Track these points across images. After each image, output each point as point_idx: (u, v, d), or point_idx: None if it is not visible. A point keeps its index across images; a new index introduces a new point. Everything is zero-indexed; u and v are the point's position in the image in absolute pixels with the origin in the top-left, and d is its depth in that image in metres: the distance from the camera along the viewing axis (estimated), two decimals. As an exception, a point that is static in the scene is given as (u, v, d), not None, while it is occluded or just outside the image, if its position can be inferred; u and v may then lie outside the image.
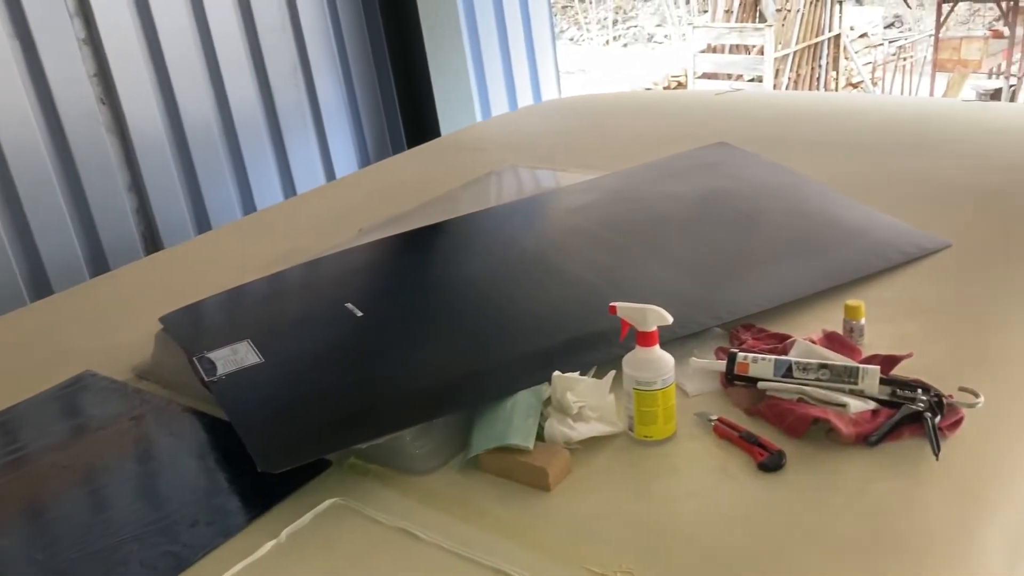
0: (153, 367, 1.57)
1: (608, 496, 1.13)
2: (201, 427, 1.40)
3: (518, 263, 1.65)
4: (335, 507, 1.17)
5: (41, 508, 1.27)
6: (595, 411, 1.24)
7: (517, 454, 1.17)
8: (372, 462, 1.24)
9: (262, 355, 1.37)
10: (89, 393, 1.56)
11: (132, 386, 1.55)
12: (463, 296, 1.55)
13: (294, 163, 3.42)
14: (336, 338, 1.42)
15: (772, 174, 1.98)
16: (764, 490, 1.10)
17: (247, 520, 1.17)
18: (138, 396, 1.51)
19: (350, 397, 1.27)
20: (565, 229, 1.83)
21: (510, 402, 1.23)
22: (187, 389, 1.47)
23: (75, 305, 2.04)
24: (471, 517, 1.11)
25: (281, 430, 1.22)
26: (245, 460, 1.22)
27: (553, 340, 1.39)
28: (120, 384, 1.56)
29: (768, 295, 1.50)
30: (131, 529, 1.18)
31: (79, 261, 2.82)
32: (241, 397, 1.28)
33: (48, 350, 1.79)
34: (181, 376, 1.47)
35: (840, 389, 1.21)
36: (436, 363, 1.34)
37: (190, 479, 1.29)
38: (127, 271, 2.26)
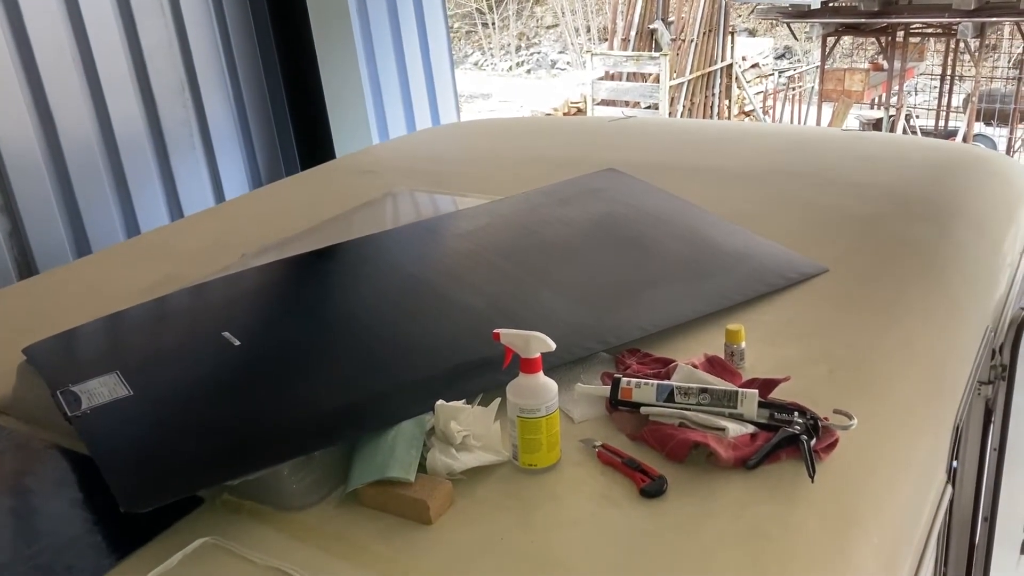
0: (14, 401, 1.47)
1: (490, 527, 1.11)
2: (65, 464, 1.32)
3: (404, 289, 1.62)
4: (206, 546, 1.11)
5: None
6: (480, 440, 1.22)
7: (398, 487, 1.14)
8: (246, 498, 1.18)
9: (131, 388, 1.30)
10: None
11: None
12: (346, 323, 1.51)
13: (181, 185, 3.31)
14: (211, 369, 1.36)
15: (659, 200, 2.01)
16: (646, 517, 1.10)
17: (112, 563, 1.10)
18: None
19: (223, 431, 1.22)
20: (454, 254, 1.81)
21: (392, 433, 1.20)
22: (51, 424, 1.38)
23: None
24: (349, 554, 1.07)
25: (147, 467, 1.16)
26: (111, 499, 1.15)
27: (438, 368, 1.37)
28: (-24, 420, 1.46)
29: (653, 320, 1.51)
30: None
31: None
32: (106, 433, 1.21)
33: None
34: (44, 411, 1.38)
35: (720, 413, 1.22)
36: (315, 394, 1.30)
37: (50, 521, 1.21)
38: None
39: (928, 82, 12.28)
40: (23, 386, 1.47)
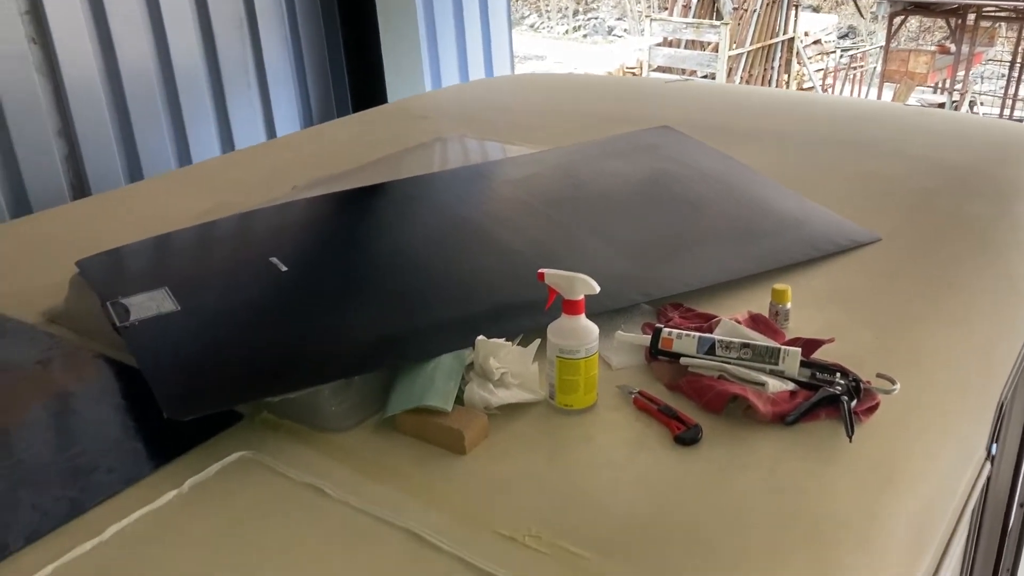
0: (65, 311, 1.51)
1: (523, 462, 1.11)
2: (111, 374, 1.35)
3: (451, 230, 1.63)
4: (243, 460, 1.14)
5: (-68, 448, 1.21)
6: (517, 378, 1.23)
7: (435, 416, 1.15)
8: (285, 418, 1.21)
9: (179, 303, 1.32)
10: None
11: (42, 329, 1.49)
12: (392, 258, 1.52)
13: (234, 120, 3.34)
14: (257, 291, 1.38)
15: (712, 160, 1.98)
16: (679, 462, 1.10)
17: (150, 469, 1.12)
18: (47, 339, 1.45)
19: (267, 350, 1.23)
20: (502, 200, 1.81)
21: (432, 364, 1.21)
22: (99, 335, 1.41)
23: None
24: (384, 477, 1.09)
25: (191, 378, 1.18)
26: (154, 409, 1.18)
27: (480, 307, 1.37)
28: (28, 327, 1.50)
29: (699, 276, 1.50)
30: (26, 474, 1.13)
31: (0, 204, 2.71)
32: (152, 344, 1.23)
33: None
34: (94, 321, 1.41)
35: (761, 369, 1.21)
36: (358, 322, 1.31)
37: (94, 426, 1.24)
38: (48, 215, 2.17)
39: (997, 69, 11.90)
40: (74, 297, 1.50)
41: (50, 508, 1.06)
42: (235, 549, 0.99)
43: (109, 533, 1.01)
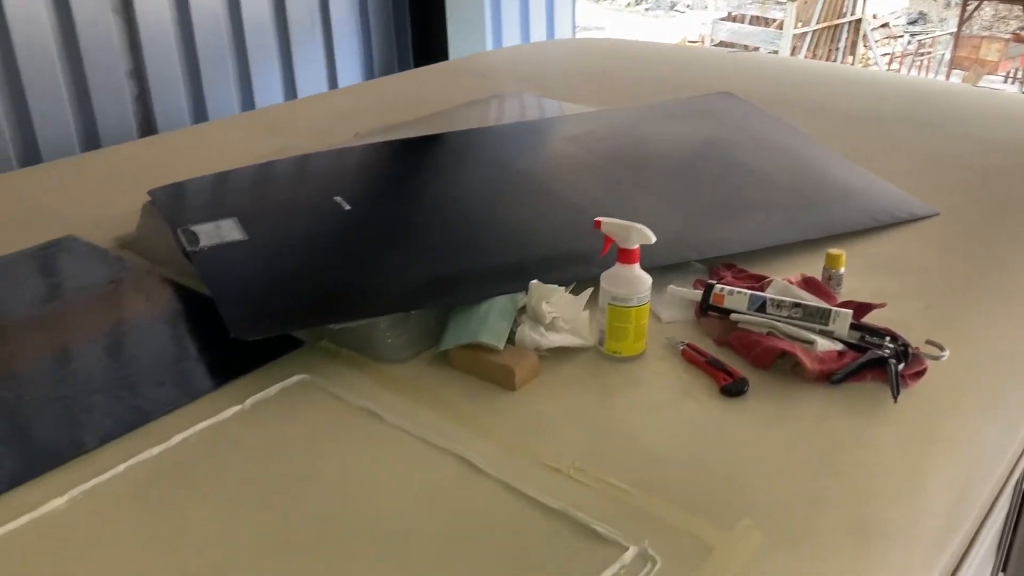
0: (136, 238, 1.57)
1: (570, 401, 1.15)
2: (178, 297, 1.41)
3: (508, 180, 1.65)
4: (302, 383, 1.19)
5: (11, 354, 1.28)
6: (568, 323, 1.25)
7: (487, 353, 1.19)
8: (343, 347, 1.25)
9: (247, 233, 1.37)
10: (70, 255, 1.57)
11: (113, 253, 1.55)
12: (451, 204, 1.55)
13: (298, 70, 3.39)
14: (322, 226, 1.43)
15: (773, 128, 1.98)
16: (723, 412, 1.12)
17: (213, 386, 1.18)
18: (119, 263, 1.52)
19: (329, 281, 1.28)
20: (560, 155, 1.83)
21: (486, 305, 1.24)
22: (168, 261, 1.48)
23: (63, 175, 2.04)
24: (436, 406, 1.13)
25: (256, 302, 1.23)
26: (218, 332, 1.23)
27: (534, 255, 1.40)
28: (102, 251, 1.57)
29: (753, 239, 1.51)
30: (99, 382, 1.20)
31: (72, 140, 2.79)
32: (220, 269, 1.28)
33: (32, 213, 1.78)
34: (163, 248, 1.47)
35: (810, 328, 1.22)
36: (417, 262, 1.35)
37: (162, 343, 1.30)
38: (119, 149, 2.25)
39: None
40: (146, 224, 1.56)
41: (122, 414, 1.12)
42: (292, 462, 1.03)
43: (175, 440, 1.07)
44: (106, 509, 0.96)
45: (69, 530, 0.93)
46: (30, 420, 1.12)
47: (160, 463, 1.03)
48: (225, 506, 0.96)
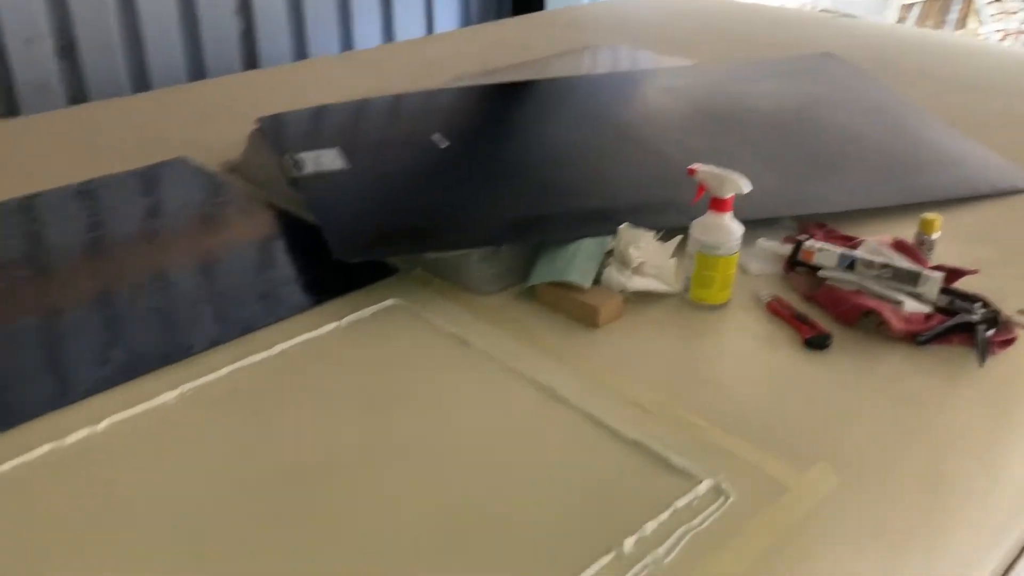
0: (243, 163, 1.64)
1: (652, 342, 1.17)
2: (279, 221, 1.48)
3: (603, 127, 1.67)
4: (395, 307, 1.24)
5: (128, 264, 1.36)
6: (654, 269, 1.28)
7: (573, 291, 1.22)
8: (436, 276, 1.30)
9: (348, 163, 1.43)
10: (180, 176, 1.65)
11: (221, 177, 1.63)
12: (545, 147, 1.58)
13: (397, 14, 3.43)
14: (419, 161, 1.47)
15: (874, 91, 1.94)
16: (805, 363, 1.13)
17: (311, 304, 1.24)
18: (226, 185, 1.59)
19: (426, 213, 1.33)
20: (655, 106, 1.83)
21: (575, 245, 1.27)
22: (271, 186, 1.55)
23: (173, 101, 2.13)
24: (521, 337, 1.17)
25: (357, 227, 1.28)
26: (318, 255, 1.29)
27: (625, 200, 1.42)
28: (210, 173, 1.64)
29: (847, 199, 1.50)
30: (207, 294, 1.27)
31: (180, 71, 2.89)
32: (324, 194, 1.34)
33: (144, 136, 1.88)
34: (267, 174, 1.54)
35: (900, 289, 1.22)
36: (510, 200, 1.39)
37: (264, 262, 1.37)
38: (226, 80, 2.33)
39: None
40: (252, 151, 1.63)
41: (229, 323, 1.19)
42: (383, 377, 1.09)
43: (276, 349, 1.13)
44: (210, 405, 1.03)
45: (177, 421, 1.01)
46: (146, 323, 1.20)
47: (262, 369, 1.10)
48: (321, 412, 1.02)
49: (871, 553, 0.85)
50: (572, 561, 0.81)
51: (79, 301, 1.24)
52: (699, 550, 0.83)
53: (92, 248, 1.42)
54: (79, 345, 1.15)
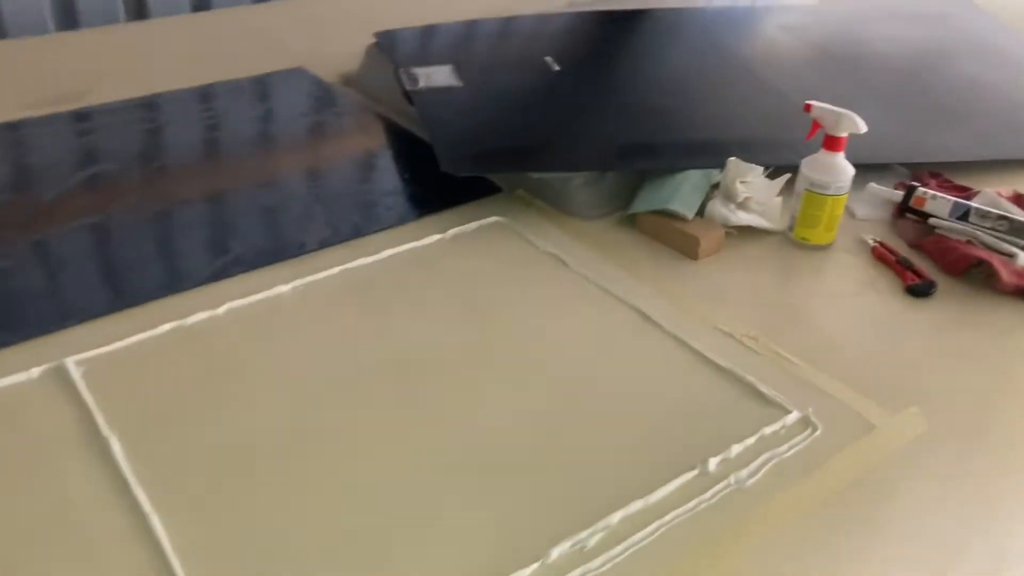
0: (359, 75, 1.68)
1: (750, 277, 1.17)
2: (391, 134, 1.53)
3: (718, 60, 1.64)
4: (497, 224, 1.27)
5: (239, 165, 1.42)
6: (759, 205, 1.27)
7: (675, 220, 1.23)
8: (538, 198, 1.32)
9: (462, 81, 1.45)
10: (298, 84, 1.70)
11: (337, 88, 1.68)
12: (657, 76, 1.56)
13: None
14: (531, 82, 1.48)
15: (1004, 39, 1.85)
16: (905, 309, 1.12)
17: (418, 215, 1.28)
18: (342, 96, 1.64)
19: (534, 133, 1.34)
20: (772, 42, 1.79)
21: (680, 176, 1.27)
22: (386, 101, 1.59)
23: (294, 13, 2.18)
24: (619, 263, 1.19)
25: (467, 143, 1.31)
26: (426, 170, 1.33)
27: (735, 135, 1.41)
28: (327, 84, 1.69)
29: (967, 149, 1.45)
30: (318, 197, 1.32)
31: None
32: (436, 108, 1.37)
33: (265, 45, 1.93)
34: (382, 87, 1.58)
35: (1015, 243, 1.19)
36: (619, 126, 1.39)
37: (375, 172, 1.42)
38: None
39: None
40: (368, 64, 1.67)
41: (339, 226, 1.24)
42: (483, 288, 1.13)
43: (383, 255, 1.18)
44: (320, 300, 1.09)
45: (289, 311, 1.07)
46: (262, 221, 1.26)
47: (368, 271, 1.15)
48: (421, 315, 1.07)
49: (955, 495, 0.85)
50: (656, 475, 0.83)
51: (199, 196, 1.31)
52: (782, 477, 0.84)
53: (212, 148, 1.48)
54: (200, 236, 1.22)
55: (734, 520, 0.79)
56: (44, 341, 0.99)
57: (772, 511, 0.80)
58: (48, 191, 1.31)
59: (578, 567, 0.74)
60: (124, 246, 1.19)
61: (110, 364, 0.96)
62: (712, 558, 0.76)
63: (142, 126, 1.54)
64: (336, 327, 1.04)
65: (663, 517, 0.79)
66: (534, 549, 0.75)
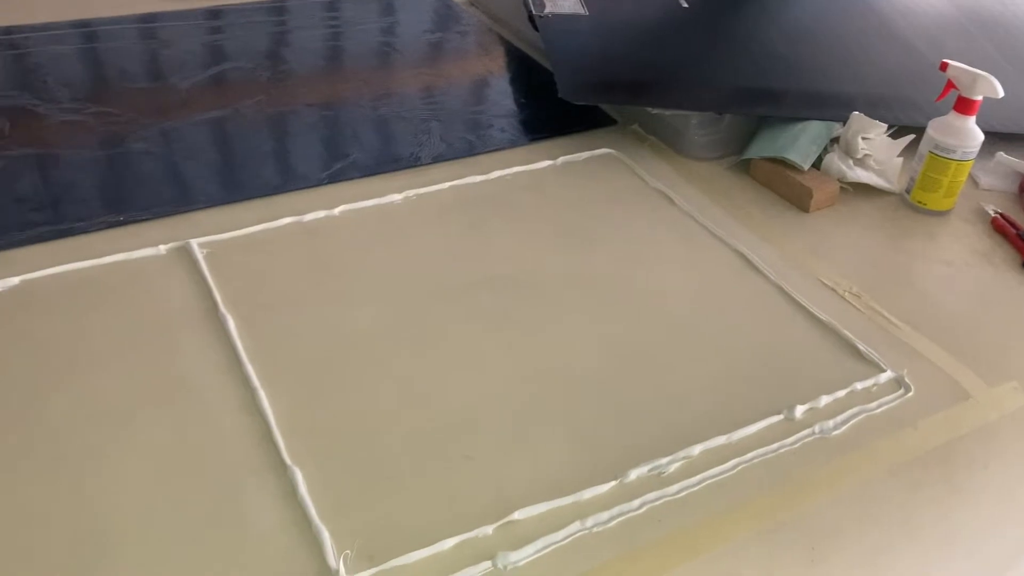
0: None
1: (861, 236, 1.15)
2: (511, 58, 1.54)
3: (853, 9, 1.58)
4: (609, 156, 1.27)
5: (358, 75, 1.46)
6: (878, 164, 1.24)
7: (789, 170, 1.21)
8: (652, 135, 1.32)
9: (588, 9, 1.44)
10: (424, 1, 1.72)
11: (463, 7, 1.69)
12: (787, 22, 1.52)
13: None
14: (658, 18, 1.46)
15: None
16: (1020, 284, 1.08)
17: (530, 140, 1.30)
18: (466, 16, 1.65)
19: (656, 69, 1.33)
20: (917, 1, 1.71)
21: (800, 125, 1.25)
22: (508, 24, 1.60)
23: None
24: (728, 207, 1.18)
25: (586, 71, 1.31)
26: (542, 96, 1.34)
27: (862, 89, 1.36)
28: (451, 3, 1.70)
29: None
30: (437, 111, 1.35)
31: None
32: (560, 35, 1.37)
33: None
34: (507, 10, 1.59)
35: None
36: (742, 70, 1.36)
37: (493, 93, 1.43)
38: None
39: None
40: (494, -14, 1.67)
41: (453, 143, 1.26)
42: (588, 216, 1.14)
43: (493, 175, 1.20)
44: (429, 212, 1.12)
45: (400, 219, 1.10)
46: (379, 130, 1.29)
47: (478, 189, 1.17)
48: (525, 236, 1.09)
49: (1047, 475, 0.84)
50: (740, 415, 0.84)
51: (321, 101, 1.35)
52: (868, 432, 0.84)
53: (335, 56, 1.52)
54: (320, 139, 1.26)
55: (814, 467, 0.80)
56: (172, 221, 1.05)
57: (854, 463, 0.81)
58: (184, 82, 1.37)
59: (655, 491, 0.76)
60: (249, 141, 1.24)
61: (230, 249, 1.01)
62: (789, 500, 0.77)
63: (270, 29, 1.58)
64: (441, 239, 1.07)
65: (743, 455, 0.80)
66: (613, 469, 0.78)
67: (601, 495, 0.75)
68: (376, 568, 0.67)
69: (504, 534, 0.71)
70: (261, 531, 0.70)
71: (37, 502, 0.71)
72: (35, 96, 1.30)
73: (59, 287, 0.94)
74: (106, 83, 1.37)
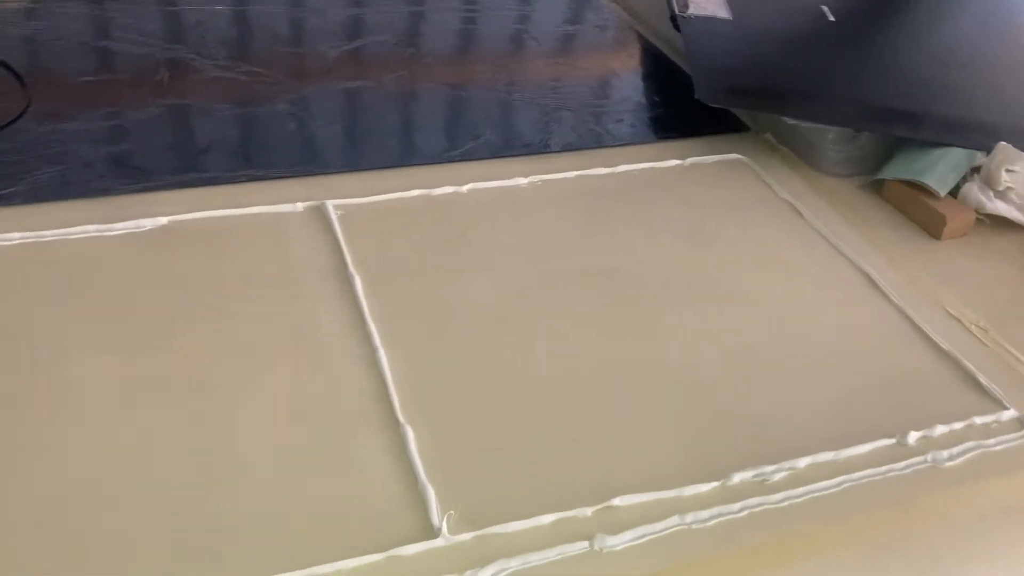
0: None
1: (993, 270, 1.11)
2: (647, 55, 1.54)
3: (1009, 35, 1.52)
4: (737, 162, 1.27)
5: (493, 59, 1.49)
6: (1021, 198, 1.19)
7: (924, 194, 1.17)
8: (784, 145, 1.30)
9: (732, 14, 1.43)
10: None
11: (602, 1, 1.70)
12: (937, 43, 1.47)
13: None
14: (802, 28, 1.44)
15: None
16: None
17: (658, 139, 1.30)
18: (605, 10, 1.66)
19: (797, 79, 1.31)
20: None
21: (940, 151, 1.21)
22: (648, 22, 1.60)
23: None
24: (856, 225, 1.15)
25: (726, 74, 1.30)
26: (674, 95, 1.34)
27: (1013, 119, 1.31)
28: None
29: None
30: (568, 101, 1.36)
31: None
32: (702, 36, 1.36)
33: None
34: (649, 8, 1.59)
35: None
36: (886, 88, 1.33)
37: (626, 88, 1.44)
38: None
39: None
40: (638, -17, 1.68)
41: (582, 133, 1.28)
42: (711, 220, 1.13)
43: (619, 168, 1.21)
44: (553, 198, 1.14)
45: (523, 202, 1.12)
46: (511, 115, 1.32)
47: (603, 181, 1.18)
48: (647, 234, 1.09)
49: None
50: (849, 434, 0.83)
51: (454, 81, 1.39)
52: (984, 468, 0.82)
53: (470, 39, 1.56)
54: (452, 118, 1.29)
55: (923, 495, 0.78)
56: (309, 181, 1.10)
57: (965, 497, 0.79)
58: (331, 50, 1.42)
59: (757, 496, 0.76)
60: (386, 114, 1.28)
61: (362, 213, 1.05)
62: (892, 524, 0.75)
63: (413, 7, 1.62)
64: (563, 225, 1.09)
65: (850, 473, 0.79)
66: (716, 470, 0.78)
67: (702, 494, 0.75)
68: (477, 532, 0.69)
69: (602, 518, 0.72)
70: (370, 481, 0.73)
71: (169, 425, 0.76)
72: (193, 51, 1.37)
73: (202, 231, 1.00)
74: (258, 45, 1.43)
